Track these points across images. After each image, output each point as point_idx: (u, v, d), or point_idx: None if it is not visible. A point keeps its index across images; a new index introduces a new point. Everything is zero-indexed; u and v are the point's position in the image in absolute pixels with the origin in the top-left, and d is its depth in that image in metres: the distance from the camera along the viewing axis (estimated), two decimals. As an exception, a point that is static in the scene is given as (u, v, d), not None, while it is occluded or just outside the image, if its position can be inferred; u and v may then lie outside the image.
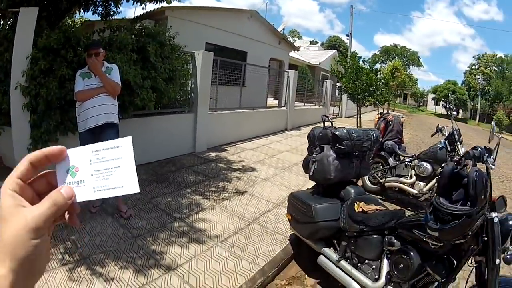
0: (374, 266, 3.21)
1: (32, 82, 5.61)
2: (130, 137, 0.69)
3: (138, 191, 0.67)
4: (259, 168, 7.69)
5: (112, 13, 9.08)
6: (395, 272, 2.87)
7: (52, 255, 3.86)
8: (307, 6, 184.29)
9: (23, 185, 0.64)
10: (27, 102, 5.66)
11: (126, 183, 0.67)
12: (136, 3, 7.91)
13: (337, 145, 3.71)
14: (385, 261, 3.08)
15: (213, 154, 8.89)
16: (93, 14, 8.95)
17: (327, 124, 4.22)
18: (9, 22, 6.38)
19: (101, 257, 3.95)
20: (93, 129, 4.64)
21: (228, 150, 9.48)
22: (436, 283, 2.71)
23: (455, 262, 2.69)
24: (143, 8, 8.74)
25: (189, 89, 8.88)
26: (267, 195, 6.08)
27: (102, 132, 4.66)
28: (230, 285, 3.65)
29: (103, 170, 0.69)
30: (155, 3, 8.41)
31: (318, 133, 4.09)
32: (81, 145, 0.77)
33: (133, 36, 7.00)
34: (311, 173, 3.90)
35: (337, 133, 3.74)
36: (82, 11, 8.91)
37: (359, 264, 3.34)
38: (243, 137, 11.04)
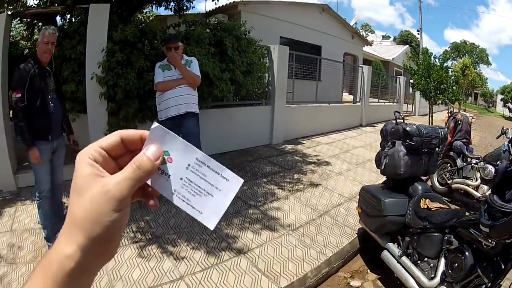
0: (432, 264, 3.15)
1: (109, 73, 5.76)
2: (242, 180, 0.61)
3: (212, 229, 0.59)
4: (334, 163, 7.48)
5: (185, 8, 9.10)
6: (450, 271, 2.84)
7: (123, 232, 3.74)
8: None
9: (107, 158, 0.55)
10: (105, 91, 5.84)
11: (207, 214, 0.59)
12: (211, -1, 7.61)
13: (408, 140, 3.67)
14: (442, 260, 3.03)
15: (289, 146, 8.68)
16: (165, 9, 9.04)
17: (399, 120, 4.15)
18: (78, 18, 6.44)
19: (173, 237, 4.10)
20: (174, 117, 4.77)
21: (304, 143, 9.21)
22: (483, 287, 2.62)
23: (503, 266, 2.59)
24: (215, 3, 8.77)
25: (266, 82, 8.72)
26: (340, 189, 5.94)
27: (183, 120, 4.80)
28: (296, 272, 3.66)
29: (194, 184, 0.60)
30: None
31: (390, 128, 4.01)
32: None
33: (209, 30, 7.07)
34: (382, 168, 3.85)
35: (407, 128, 3.70)
36: (154, 6, 8.84)
37: (418, 261, 3.28)
38: (319, 131, 10.66)
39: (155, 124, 0.59)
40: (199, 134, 4.97)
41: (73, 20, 9.17)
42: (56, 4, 7.52)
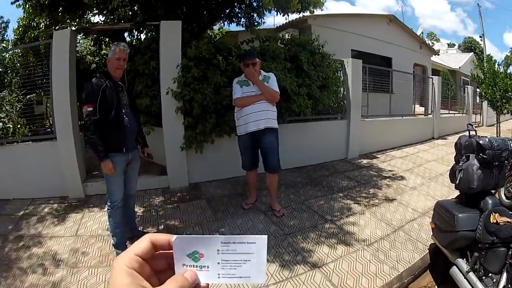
0: (494, 280, 3.02)
1: (185, 88, 5.78)
2: (266, 236, 0.66)
3: (264, 282, 0.73)
4: (408, 177, 7.25)
5: (255, 23, 8.99)
6: (509, 286, 2.77)
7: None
8: (439, 5, 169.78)
9: (143, 263, 0.61)
10: (181, 106, 5.86)
11: (254, 275, 0.66)
12: (280, 14, 7.52)
13: (481, 154, 3.51)
14: (504, 275, 2.92)
15: (364, 161, 8.44)
16: (236, 25, 9.00)
17: (472, 133, 3.94)
18: (150, 34, 6.51)
19: None
20: (253, 132, 4.72)
21: (378, 157, 8.96)
22: None
23: None
24: (286, 18, 8.50)
25: (341, 96, 8.50)
26: (414, 204, 5.74)
27: (262, 136, 4.73)
28: (369, 286, 3.59)
29: (231, 261, 0.66)
30: (298, 13, 8.05)
31: (464, 142, 3.83)
32: (240, 148, 3.62)
33: (283, 46, 7.03)
34: (457, 182, 3.67)
35: (481, 142, 3.55)
36: (225, 23, 8.83)
37: (483, 277, 3.14)
38: (393, 145, 10.28)
39: (174, 237, 0.65)
40: (278, 148, 4.81)
41: (141, 36, 9.33)
42: (122, 21, 7.58)
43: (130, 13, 7.29)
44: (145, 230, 4.43)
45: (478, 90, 15.58)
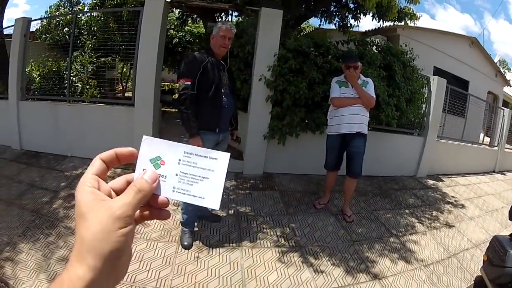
0: None
1: (279, 78, 5.85)
2: (229, 154, 0.66)
3: (218, 208, 0.64)
4: (468, 206, 7.20)
5: (349, 25, 9.09)
6: None
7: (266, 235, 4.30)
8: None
9: (101, 181, 0.62)
10: (272, 95, 5.97)
11: (209, 196, 0.65)
12: (376, 19, 7.44)
13: None
14: None
15: (431, 181, 8.35)
16: (328, 23, 9.01)
17: None
18: (249, 18, 6.49)
19: (316, 250, 4.18)
20: (344, 134, 4.78)
21: (444, 181, 8.82)
22: None
23: None
24: (380, 24, 8.42)
25: (421, 112, 8.38)
26: (470, 234, 5.78)
27: (352, 139, 4.77)
28: None
29: (189, 174, 0.66)
30: (393, 22, 7.88)
31: None
32: (327, 148, 3.83)
33: (377, 52, 6.99)
34: None
35: None
36: (322, 20, 8.81)
37: None
38: (458, 171, 10.09)
39: (144, 137, 0.68)
40: (363, 154, 4.83)
41: (232, 19, 9.41)
42: (214, 0, 7.66)
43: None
44: (215, 212, 4.48)
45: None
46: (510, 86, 21.09)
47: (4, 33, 8.46)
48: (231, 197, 5.15)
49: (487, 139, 13.49)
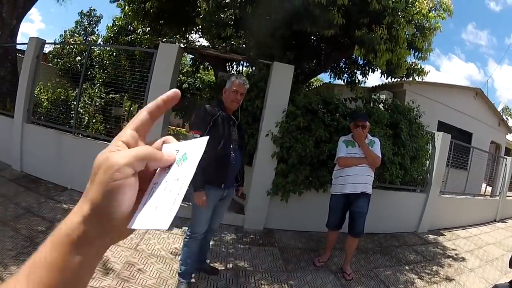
0: None
1: (286, 134, 5.87)
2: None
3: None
4: (468, 258, 7.21)
5: (357, 81, 9.13)
6: None
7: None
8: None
9: (138, 139, 0.59)
10: (278, 152, 5.95)
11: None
12: (385, 76, 7.49)
13: None
14: None
15: (431, 236, 8.36)
16: (336, 79, 9.09)
17: None
18: (261, 71, 6.45)
19: None
20: (348, 194, 4.77)
21: (445, 235, 8.85)
22: None
23: None
24: (389, 80, 8.34)
25: (425, 169, 8.37)
26: (469, 285, 5.78)
27: (356, 199, 4.77)
28: None
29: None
30: (401, 78, 8.01)
31: None
32: (331, 207, 4.34)
33: (383, 110, 7.03)
34: None
35: None
36: (331, 75, 8.88)
37: None
38: (459, 223, 10.08)
39: (203, 138, 0.60)
40: (367, 214, 4.83)
41: (243, 70, 9.47)
42: (231, 52, 7.68)
43: (244, 45, 7.43)
44: (213, 264, 4.41)
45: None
46: (512, 133, 21.13)
47: (17, 47, 8.55)
48: (230, 251, 5.08)
49: (489, 189, 13.55)
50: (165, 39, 9.22)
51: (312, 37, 7.14)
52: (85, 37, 18.99)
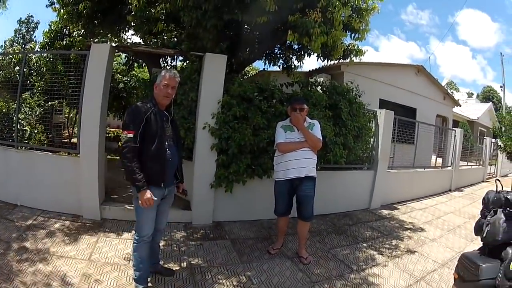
0: None
1: (223, 125, 5.80)
2: None
3: None
4: (427, 229, 7.40)
5: (293, 66, 9.09)
6: None
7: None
8: (461, 53, 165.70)
9: None
10: (217, 143, 5.85)
11: None
12: (321, 59, 7.54)
13: (508, 208, 3.73)
14: None
15: (385, 211, 8.48)
16: (271, 65, 8.99)
17: (499, 188, 4.09)
18: (194, 64, 6.28)
19: None
20: (292, 179, 4.68)
21: (399, 208, 9.02)
22: None
23: None
24: (324, 63, 8.35)
25: (370, 146, 8.50)
26: (434, 255, 5.84)
27: (301, 183, 4.70)
28: None
29: None
30: (337, 60, 8.01)
31: (492, 197, 3.97)
32: (276, 194, 4.21)
33: (321, 92, 7.08)
34: (484, 235, 3.83)
35: (508, 197, 3.77)
36: (266, 62, 8.82)
37: None
38: (413, 196, 10.34)
39: None
40: (313, 197, 4.78)
41: (177, 64, 9.32)
42: (164, 47, 7.51)
43: (175, 39, 7.26)
44: (168, 266, 4.30)
45: (493, 140, 15.57)
46: (460, 106, 21.69)
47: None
48: (182, 249, 4.94)
49: (439, 160, 13.99)
50: (97, 40, 8.96)
51: (245, 26, 7.03)
52: (23, 45, 18.27)
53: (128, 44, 7.25)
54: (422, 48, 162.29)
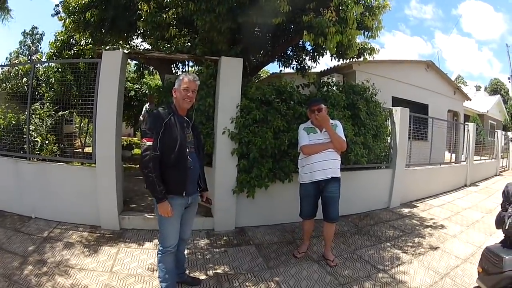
0: None
1: (243, 129, 5.76)
2: None
3: None
4: (447, 225, 7.39)
5: (307, 67, 9.09)
6: None
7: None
8: (466, 46, 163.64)
9: None
10: (237, 148, 5.81)
11: None
12: (336, 59, 7.57)
13: None
14: None
15: (405, 210, 8.46)
16: (286, 67, 9.05)
17: None
18: (209, 69, 6.22)
19: None
20: (318, 181, 4.68)
21: (418, 206, 9.00)
22: None
23: None
24: (333, 63, 8.38)
25: (387, 145, 8.47)
26: (456, 251, 5.85)
27: (327, 184, 4.69)
28: None
29: None
30: (351, 59, 7.97)
31: None
32: (302, 196, 4.31)
33: (339, 93, 7.03)
34: (506, 227, 3.80)
35: None
36: (279, 64, 8.87)
37: None
38: (430, 193, 10.28)
39: None
40: (339, 198, 4.76)
41: (188, 69, 9.29)
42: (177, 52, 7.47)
43: (189, 44, 7.22)
44: (193, 275, 4.24)
45: (504, 133, 15.48)
46: (470, 100, 21.57)
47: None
48: (206, 257, 4.87)
49: (452, 156, 13.88)
50: (108, 47, 8.99)
51: (257, 28, 7.02)
52: (29, 57, 18.34)
53: (141, 50, 7.18)
54: (427, 42, 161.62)
